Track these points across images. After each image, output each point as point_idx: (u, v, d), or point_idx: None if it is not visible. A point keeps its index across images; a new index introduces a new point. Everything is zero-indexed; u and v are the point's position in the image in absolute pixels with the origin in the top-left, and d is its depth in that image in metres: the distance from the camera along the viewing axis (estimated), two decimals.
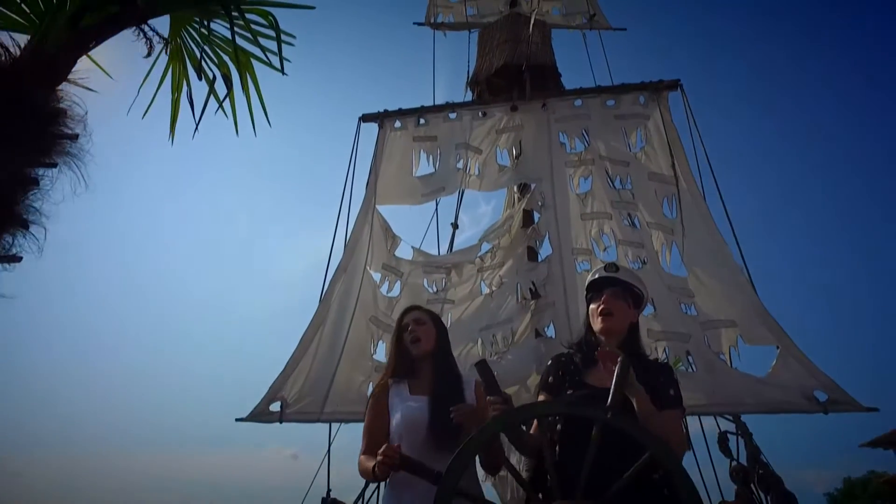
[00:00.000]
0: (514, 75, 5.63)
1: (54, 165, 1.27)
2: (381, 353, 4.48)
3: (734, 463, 3.76)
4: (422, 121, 5.46)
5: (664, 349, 4.04)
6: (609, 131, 5.06)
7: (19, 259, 1.25)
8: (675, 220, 4.57)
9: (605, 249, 4.55)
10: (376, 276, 4.75)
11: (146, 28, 1.66)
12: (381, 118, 5.49)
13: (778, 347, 3.90)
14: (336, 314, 4.44)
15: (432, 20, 6.83)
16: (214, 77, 2.05)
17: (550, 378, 2.25)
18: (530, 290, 4.43)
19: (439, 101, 5.65)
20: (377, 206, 5.03)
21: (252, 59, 2.15)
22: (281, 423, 4.07)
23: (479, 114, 5.44)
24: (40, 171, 1.25)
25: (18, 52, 1.30)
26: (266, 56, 2.23)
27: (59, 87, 1.32)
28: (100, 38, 1.46)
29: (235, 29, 2.05)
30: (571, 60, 6.60)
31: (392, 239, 4.94)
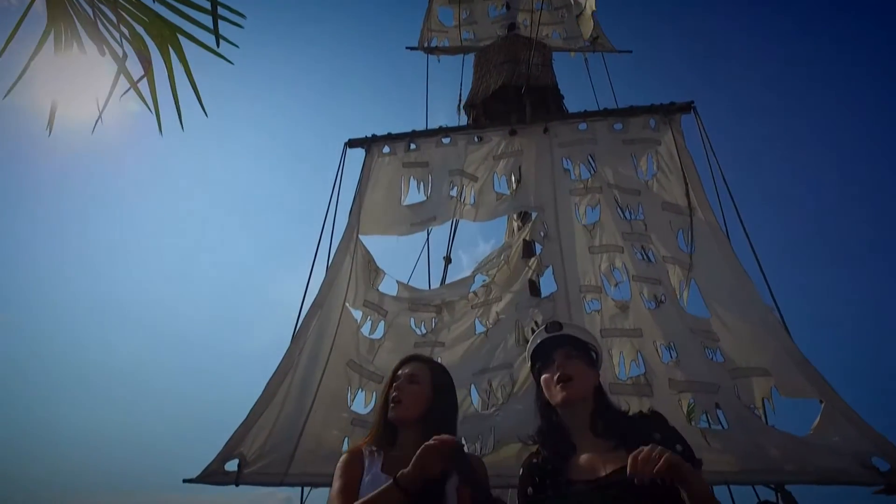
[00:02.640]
0: (513, 97, 5.23)
1: None
2: (360, 403, 3.90)
3: None
4: (412, 146, 5.03)
5: (689, 402, 3.48)
6: (617, 157, 4.62)
7: None
8: (692, 255, 4.08)
9: (616, 286, 4.02)
10: (357, 315, 4.20)
11: None
12: (368, 143, 5.08)
13: (821, 402, 3.34)
14: (308, 357, 3.87)
15: (426, 44, 6.51)
16: (125, 54, 1.58)
17: (530, 489, 1.76)
18: (532, 329, 3.87)
19: (432, 128, 5.26)
20: (360, 237, 4.54)
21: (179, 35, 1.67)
22: (237, 485, 3.45)
23: (475, 138, 5.02)
24: None
25: None
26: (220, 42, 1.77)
27: None
28: None
29: None
30: (574, 85, 6.24)
31: (375, 272, 4.42)
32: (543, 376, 1.88)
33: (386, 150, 5.04)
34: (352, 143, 5.10)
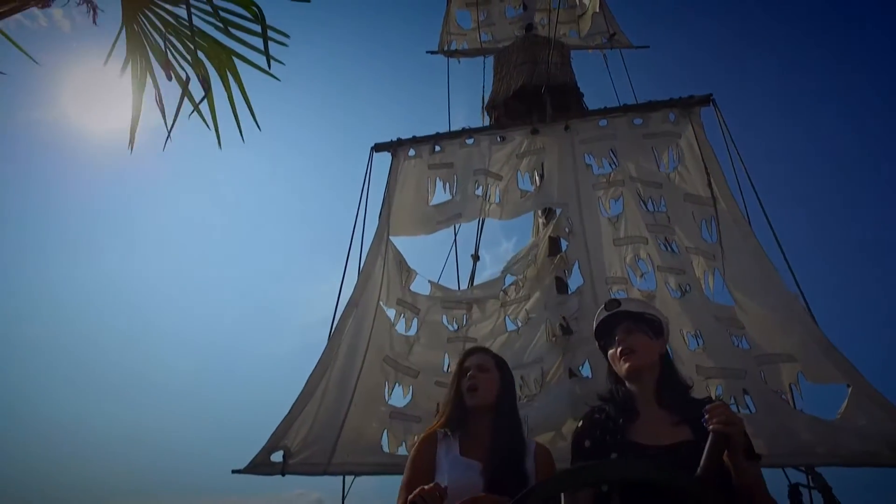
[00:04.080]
0: (534, 97, 5.34)
1: None
2: (398, 396, 4.08)
3: None
4: (437, 148, 5.17)
5: (716, 388, 3.57)
6: (638, 151, 4.71)
7: None
8: (715, 245, 4.15)
9: (642, 276, 4.13)
10: (390, 313, 4.37)
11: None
12: (394, 147, 5.23)
13: (849, 386, 3.40)
14: (346, 354, 4.04)
15: (446, 48, 6.64)
16: (188, 77, 1.75)
17: (587, 442, 1.85)
18: (561, 325, 3.99)
19: (455, 130, 5.39)
20: (391, 238, 4.70)
21: (235, 58, 1.84)
22: (283, 475, 3.64)
23: (498, 138, 5.14)
24: None
25: None
26: (263, 60, 1.93)
27: None
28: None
29: (214, 22, 1.76)
30: (593, 82, 6.32)
31: (407, 272, 4.58)
32: (609, 352, 1.98)
33: (411, 152, 5.18)
34: (378, 148, 5.25)
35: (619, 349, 1.91)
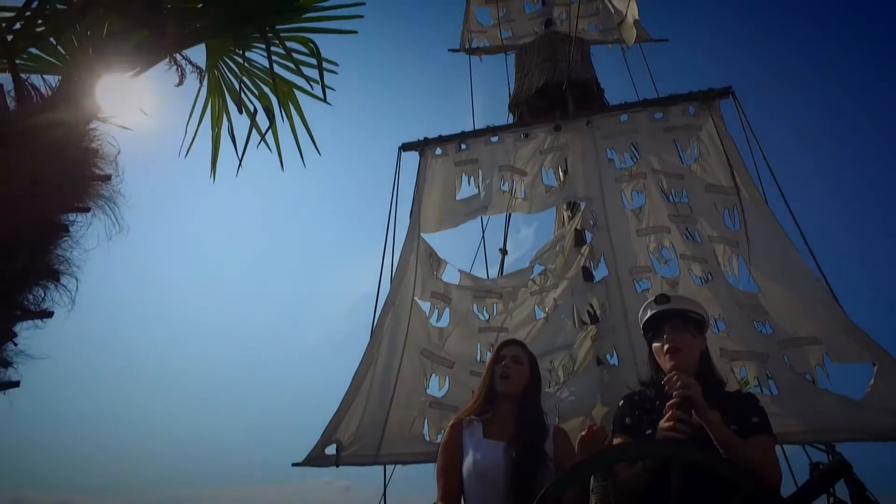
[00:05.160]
0: (555, 94, 5.47)
1: (87, 210, 1.19)
2: (435, 386, 4.31)
3: (832, 500, 3.32)
4: (463, 146, 5.35)
5: (741, 369, 3.72)
6: (659, 145, 4.82)
7: (50, 314, 1.16)
8: (739, 232, 4.27)
9: (665, 263, 4.28)
10: (425, 306, 4.60)
11: (179, 57, 1.58)
12: (421, 146, 5.41)
13: (874, 364, 3.52)
14: (387, 350, 4.30)
15: (467, 46, 6.76)
16: (255, 110, 1.97)
17: (627, 419, 2.06)
18: (588, 312, 4.17)
19: (479, 127, 5.54)
20: (422, 235, 4.91)
21: (294, 90, 2.05)
22: (337, 466, 3.94)
23: (522, 135, 5.29)
24: (71, 217, 1.17)
25: (49, 93, 1.23)
26: (310, 85, 2.14)
27: (90, 126, 1.24)
28: (130, 68, 1.39)
29: (275, 58, 1.97)
30: (613, 76, 6.40)
31: (437, 262, 4.79)
32: (654, 345, 2.12)
33: (438, 151, 5.36)
34: (406, 147, 5.44)
35: (665, 346, 2.04)
